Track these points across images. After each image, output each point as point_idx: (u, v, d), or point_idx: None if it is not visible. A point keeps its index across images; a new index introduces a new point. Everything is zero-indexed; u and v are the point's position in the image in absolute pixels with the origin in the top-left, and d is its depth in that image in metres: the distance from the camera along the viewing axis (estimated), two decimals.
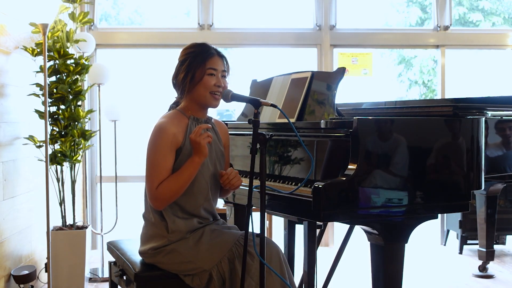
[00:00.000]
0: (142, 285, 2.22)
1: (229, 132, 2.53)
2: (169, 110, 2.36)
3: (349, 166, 2.08)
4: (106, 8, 6.05)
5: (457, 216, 4.70)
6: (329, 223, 4.95)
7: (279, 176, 2.49)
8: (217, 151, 2.34)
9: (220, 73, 2.27)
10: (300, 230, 2.77)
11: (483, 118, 2.45)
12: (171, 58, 2.33)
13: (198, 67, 2.24)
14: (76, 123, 3.75)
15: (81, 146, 3.81)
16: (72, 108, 3.73)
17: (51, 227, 3.52)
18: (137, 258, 2.34)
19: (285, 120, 2.48)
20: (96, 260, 4.40)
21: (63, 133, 3.72)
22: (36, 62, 3.61)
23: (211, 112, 2.42)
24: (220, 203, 3.75)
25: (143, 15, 6.69)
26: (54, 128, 3.71)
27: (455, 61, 5.66)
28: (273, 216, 3.92)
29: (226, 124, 2.53)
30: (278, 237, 3.64)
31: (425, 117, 2.55)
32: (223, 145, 2.39)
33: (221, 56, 2.30)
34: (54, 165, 3.69)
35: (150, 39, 5.14)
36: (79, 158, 3.80)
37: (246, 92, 3.02)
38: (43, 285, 3.75)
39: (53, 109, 3.74)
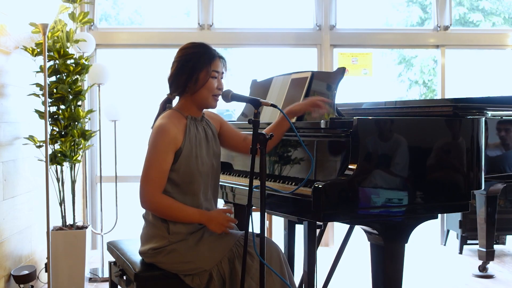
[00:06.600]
0: (142, 285, 2.22)
1: None
2: (164, 109, 2.34)
3: (349, 166, 2.08)
4: (106, 8, 6.06)
5: (457, 216, 4.70)
6: (329, 223, 4.95)
7: (279, 176, 2.49)
8: (214, 149, 2.34)
9: (220, 75, 2.28)
10: (300, 230, 2.76)
11: (483, 118, 2.45)
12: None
13: (202, 70, 2.23)
14: (76, 123, 3.75)
15: (81, 146, 3.81)
16: (72, 108, 3.73)
17: (51, 227, 3.52)
18: (137, 258, 2.34)
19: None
20: (96, 260, 4.40)
21: (63, 133, 3.72)
22: (36, 62, 3.60)
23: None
24: (220, 203, 3.74)
25: (143, 15, 6.70)
26: (54, 128, 3.71)
27: (455, 61, 5.66)
28: (273, 216, 3.92)
29: None
30: (278, 237, 3.64)
31: (425, 117, 2.55)
32: (217, 136, 2.39)
33: (221, 58, 2.30)
34: (54, 165, 3.69)
35: (150, 39, 5.14)
36: (79, 158, 3.79)
37: (246, 92, 3.02)
38: (43, 285, 3.75)
39: (53, 109, 3.74)
